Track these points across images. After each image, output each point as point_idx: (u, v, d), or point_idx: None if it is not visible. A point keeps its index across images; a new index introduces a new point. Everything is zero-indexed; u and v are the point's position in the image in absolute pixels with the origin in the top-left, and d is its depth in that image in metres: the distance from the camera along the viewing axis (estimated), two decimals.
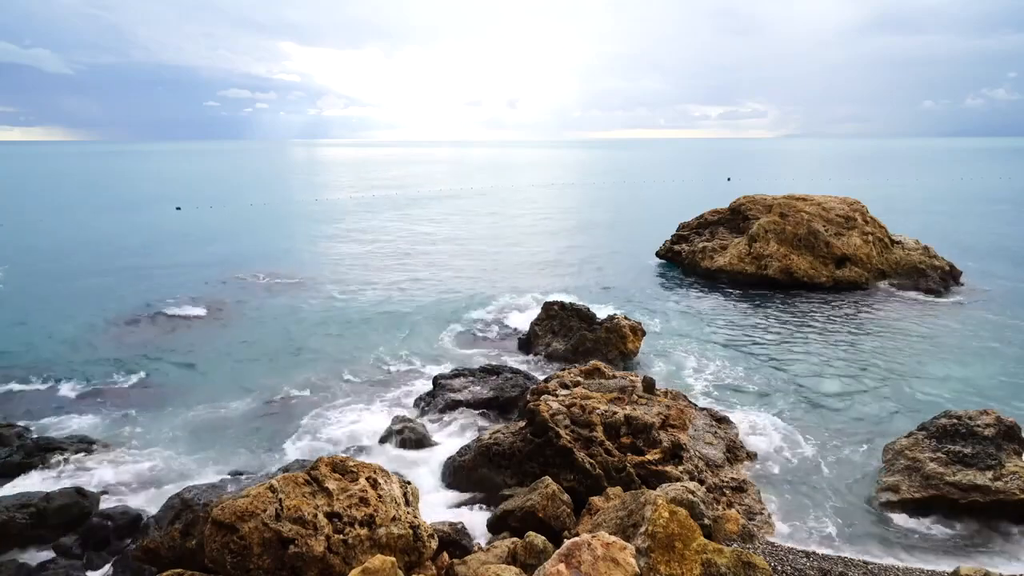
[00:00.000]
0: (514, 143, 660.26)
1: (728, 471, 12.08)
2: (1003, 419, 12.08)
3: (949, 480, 11.32)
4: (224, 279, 30.18)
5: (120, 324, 23.28)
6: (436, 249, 38.81)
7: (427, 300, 26.61)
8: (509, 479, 11.87)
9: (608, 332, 19.01)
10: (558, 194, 76.61)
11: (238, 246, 39.83)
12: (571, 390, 13.62)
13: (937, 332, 21.49)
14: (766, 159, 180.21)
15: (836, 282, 27.30)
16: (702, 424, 13.42)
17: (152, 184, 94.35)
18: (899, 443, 12.61)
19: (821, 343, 20.53)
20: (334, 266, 33.77)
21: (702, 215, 33.93)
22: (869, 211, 30.37)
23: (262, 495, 8.05)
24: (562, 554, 7.06)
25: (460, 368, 17.32)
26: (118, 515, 10.69)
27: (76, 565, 9.97)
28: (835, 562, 9.25)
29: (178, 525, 9.27)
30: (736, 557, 7.53)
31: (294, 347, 20.75)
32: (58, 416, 15.85)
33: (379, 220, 52.72)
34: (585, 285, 28.98)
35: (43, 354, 19.89)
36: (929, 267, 28.03)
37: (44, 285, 29.54)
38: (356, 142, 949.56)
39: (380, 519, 8.20)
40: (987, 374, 17.85)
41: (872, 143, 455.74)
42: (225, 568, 7.71)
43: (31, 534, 10.32)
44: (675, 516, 7.70)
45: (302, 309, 25.31)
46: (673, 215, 39.76)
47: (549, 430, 11.81)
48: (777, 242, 28.46)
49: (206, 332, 22.42)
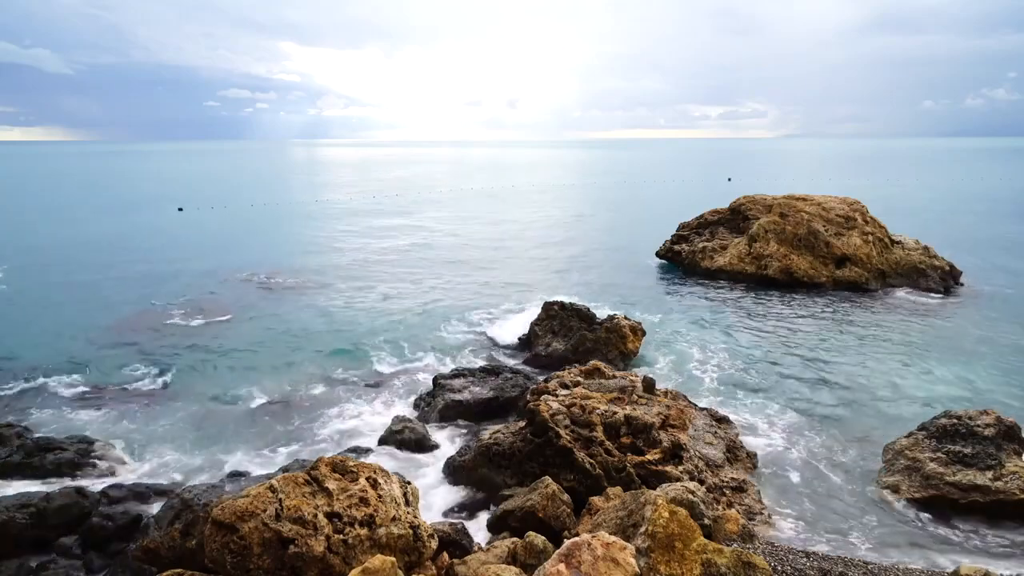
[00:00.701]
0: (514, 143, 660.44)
1: (728, 471, 12.08)
2: (1003, 419, 12.08)
3: (949, 480, 11.32)
4: (225, 280, 30.19)
5: (121, 325, 23.29)
6: (435, 249, 38.83)
7: (427, 300, 26.61)
8: (509, 479, 11.87)
9: (608, 332, 19.01)
10: (558, 194, 76.62)
11: (239, 247, 39.85)
12: (571, 390, 13.62)
13: (937, 332, 21.49)
14: (766, 159, 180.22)
15: (836, 282, 27.30)
16: (702, 424, 13.41)
17: (153, 184, 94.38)
18: (899, 443, 12.61)
19: (821, 343, 20.53)
20: (334, 266, 33.77)
21: (702, 215, 33.93)
22: (869, 211, 30.37)
23: (262, 495, 8.05)
24: (562, 554, 7.05)
25: (460, 368, 17.33)
26: (118, 515, 10.69)
27: (76, 565, 9.97)
28: (835, 562, 9.24)
29: (178, 525, 9.26)
30: (736, 557, 7.52)
31: (294, 347, 20.75)
32: (58, 416, 15.86)
33: (379, 220, 52.73)
34: (585, 285, 28.98)
35: (43, 354, 19.88)
36: (929, 267, 28.03)
37: (45, 285, 29.55)
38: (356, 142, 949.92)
39: (380, 519, 8.20)
40: (987, 374, 17.85)
41: (872, 143, 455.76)
42: (225, 568, 7.71)
43: (31, 534, 10.31)
44: (675, 516, 7.70)
45: (302, 309, 25.32)
46: (673, 215, 39.77)
47: (549, 430, 11.80)
48: (777, 242, 28.46)
49: (206, 332, 22.42)
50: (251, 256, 36.31)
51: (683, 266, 31.67)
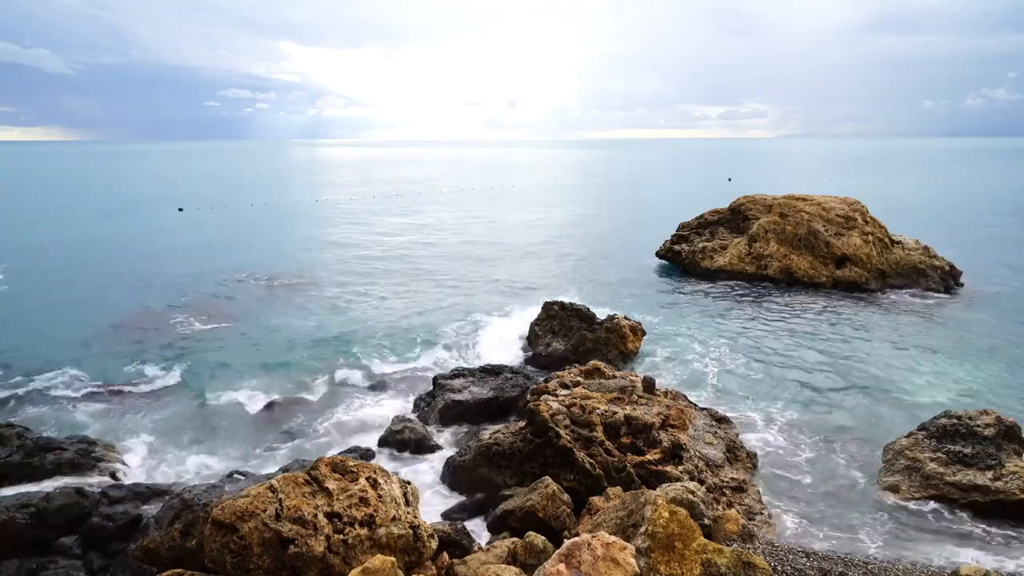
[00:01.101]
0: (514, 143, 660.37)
1: (728, 471, 12.08)
2: (1003, 419, 12.08)
3: (949, 480, 11.32)
4: (225, 280, 30.19)
5: (121, 324, 23.28)
6: (436, 249, 38.83)
7: (427, 300, 26.62)
8: (509, 479, 11.86)
9: (608, 332, 19.01)
10: (558, 194, 76.61)
11: (239, 247, 39.85)
12: (571, 390, 13.62)
13: (937, 332, 21.48)
14: (766, 159, 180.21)
15: (836, 282, 27.30)
16: (702, 424, 13.41)
17: (153, 184, 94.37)
18: (899, 443, 12.61)
19: (821, 343, 20.52)
20: (334, 267, 33.77)
21: (702, 215, 33.92)
22: (869, 211, 30.37)
23: (262, 495, 8.05)
24: (562, 554, 7.06)
25: (460, 368, 17.32)
26: (118, 515, 10.68)
27: (76, 565, 9.96)
28: (835, 562, 9.24)
29: (178, 525, 9.26)
30: (736, 557, 7.53)
31: (294, 347, 20.75)
32: (58, 416, 15.86)
33: (379, 220, 52.73)
34: (585, 285, 28.98)
35: (43, 354, 19.88)
36: (929, 267, 28.02)
37: (45, 285, 29.54)
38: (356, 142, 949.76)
39: (380, 519, 8.20)
40: (987, 374, 17.85)
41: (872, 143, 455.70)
42: (225, 568, 7.71)
43: (31, 534, 10.30)
44: (675, 516, 7.70)
45: (302, 309, 25.32)
46: (673, 215, 39.76)
47: (549, 430, 11.80)
48: (777, 242, 28.46)
49: (206, 332, 22.42)
50: (251, 256, 36.32)
51: (683, 266, 31.67)
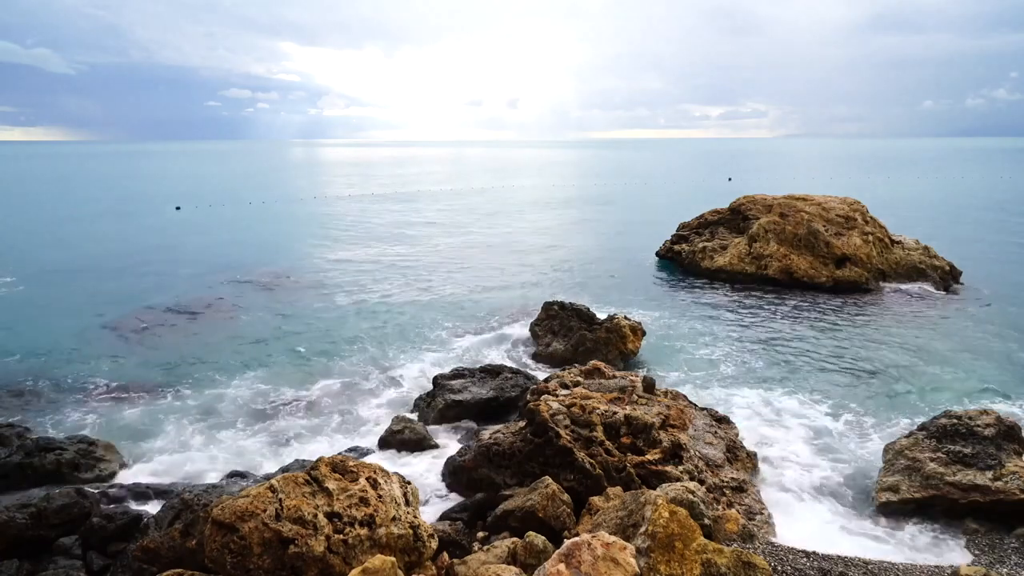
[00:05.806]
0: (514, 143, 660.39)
1: (728, 471, 12.08)
2: (1003, 419, 12.08)
3: (949, 480, 11.31)
4: (224, 279, 30.18)
5: (120, 324, 23.28)
6: (435, 249, 38.82)
7: (427, 300, 26.62)
8: (509, 479, 11.86)
9: (608, 332, 19.01)
10: (558, 194, 76.60)
11: (238, 246, 39.84)
12: (571, 390, 13.61)
13: (937, 332, 21.49)
14: (766, 159, 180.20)
15: (836, 282, 27.30)
16: (702, 424, 13.41)
17: (152, 184, 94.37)
18: (899, 443, 12.61)
19: (821, 343, 20.53)
20: (334, 266, 33.76)
21: (702, 215, 33.94)
22: (869, 211, 30.38)
23: (262, 495, 8.05)
24: (562, 554, 7.06)
25: (460, 368, 17.31)
26: (118, 515, 10.67)
27: (76, 565, 9.95)
28: (835, 562, 9.25)
29: (178, 525, 9.26)
30: (736, 557, 7.53)
31: (293, 348, 20.75)
32: (58, 416, 15.86)
33: (379, 220, 52.73)
34: (585, 285, 28.98)
35: (43, 354, 19.88)
36: (929, 267, 28.03)
37: (44, 285, 29.54)
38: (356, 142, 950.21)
39: (380, 519, 8.20)
40: (987, 374, 17.85)
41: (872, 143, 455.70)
42: (225, 568, 7.71)
43: (31, 534, 10.29)
44: (675, 516, 7.70)
45: (302, 308, 25.32)
46: (673, 215, 39.77)
47: (549, 430, 11.80)
48: (777, 242, 28.46)
49: (206, 332, 22.42)
50: (250, 255, 36.32)
51: (683, 266, 31.67)
